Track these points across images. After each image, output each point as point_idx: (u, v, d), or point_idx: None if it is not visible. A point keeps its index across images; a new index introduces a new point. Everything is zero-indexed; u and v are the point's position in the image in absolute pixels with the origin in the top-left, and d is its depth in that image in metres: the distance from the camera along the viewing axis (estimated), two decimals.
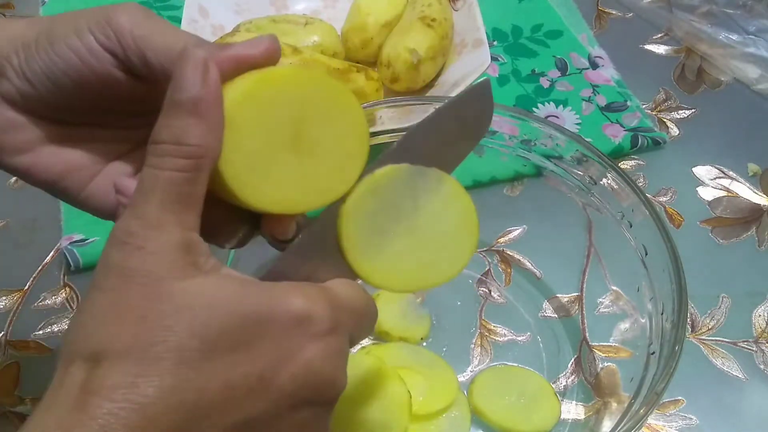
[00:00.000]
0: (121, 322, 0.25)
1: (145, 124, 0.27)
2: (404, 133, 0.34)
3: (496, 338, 0.51)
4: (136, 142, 0.34)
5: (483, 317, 0.53)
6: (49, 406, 0.24)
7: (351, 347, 0.30)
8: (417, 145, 0.34)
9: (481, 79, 0.34)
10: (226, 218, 0.31)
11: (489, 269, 0.55)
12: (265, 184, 0.29)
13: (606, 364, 0.49)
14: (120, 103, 0.32)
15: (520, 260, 0.56)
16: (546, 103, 0.67)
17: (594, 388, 0.48)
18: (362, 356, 0.48)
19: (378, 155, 0.32)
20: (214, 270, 0.27)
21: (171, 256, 0.26)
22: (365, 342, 0.50)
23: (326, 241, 0.32)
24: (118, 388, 0.24)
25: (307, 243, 0.31)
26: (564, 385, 0.48)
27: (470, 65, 0.62)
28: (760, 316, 0.53)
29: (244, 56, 0.29)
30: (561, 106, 0.67)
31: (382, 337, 0.51)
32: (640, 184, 0.61)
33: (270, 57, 0.29)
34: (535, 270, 0.55)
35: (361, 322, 0.30)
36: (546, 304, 0.53)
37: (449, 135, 0.35)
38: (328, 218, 0.31)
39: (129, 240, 0.26)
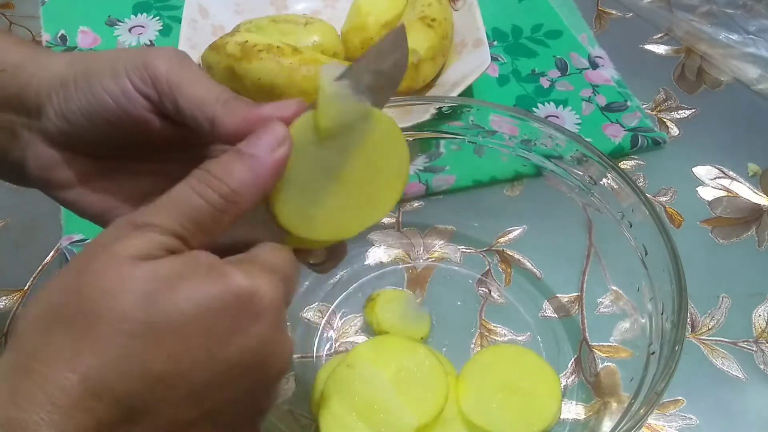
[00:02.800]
0: (73, 292, 0.25)
1: (182, 159, 0.29)
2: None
3: (496, 338, 0.51)
4: (174, 176, 0.34)
5: (483, 317, 0.53)
6: (2, 371, 0.25)
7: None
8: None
9: (397, 27, 0.34)
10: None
11: (489, 269, 0.55)
12: (313, 218, 0.31)
13: (606, 364, 0.49)
14: (155, 141, 0.33)
15: (520, 260, 0.56)
16: (546, 103, 0.67)
17: (594, 388, 0.48)
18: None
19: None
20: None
21: (150, 242, 0.26)
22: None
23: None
24: (61, 357, 0.24)
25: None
26: (564, 385, 0.48)
27: (470, 65, 0.62)
28: (760, 316, 0.53)
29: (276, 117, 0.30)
30: (561, 106, 0.67)
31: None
32: (640, 184, 0.61)
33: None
34: (535, 270, 0.55)
35: (290, 284, 0.30)
36: (546, 304, 0.53)
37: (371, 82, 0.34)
38: None
39: (124, 222, 0.27)
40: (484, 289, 0.54)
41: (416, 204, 0.59)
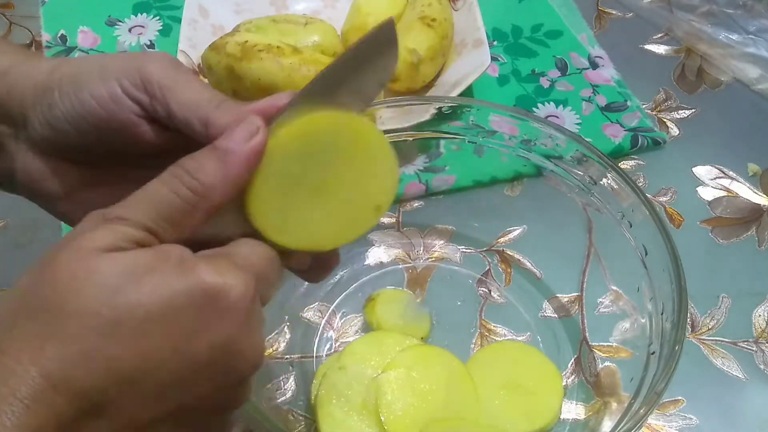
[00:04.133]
0: (38, 284, 0.25)
1: (168, 165, 0.29)
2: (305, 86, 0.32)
3: (496, 338, 0.51)
4: None
5: (483, 317, 0.53)
6: None
7: (262, 306, 0.30)
8: (320, 95, 0.32)
9: (385, 21, 0.33)
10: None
11: (489, 269, 0.55)
12: (288, 224, 0.30)
13: (606, 364, 0.49)
14: (143, 148, 0.33)
15: (520, 260, 0.56)
16: (546, 103, 0.67)
17: (594, 388, 0.48)
18: None
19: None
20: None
21: (119, 236, 0.26)
22: None
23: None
24: (25, 351, 0.24)
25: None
26: (564, 385, 0.48)
27: (470, 65, 0.62)
28: (760, 316, 0.53)
29: (271, 108, 0.30)
30: (561, 106, 0.67)
31: None
32: (640, 184, 0.61)
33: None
34: (535, 270, 0.55)
35: (268, 281, 0.30)
36: (546, 304, 0.53)
37: (353, 80, 0.33)
38: None
39: (96, 216, 0.27)
40: (484, 289, 0.54)
41: (416, 204, 0.59)
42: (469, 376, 0.46)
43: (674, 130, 0.66)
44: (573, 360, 0.50)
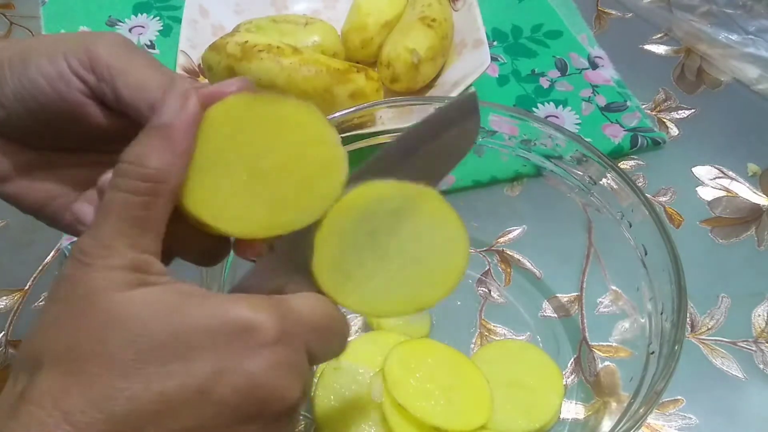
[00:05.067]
0: (59, 332, 0.25)
1: (121, 150, 0.28)
2: (382, 148, 0.32)
3: (496, 338, 0.52)
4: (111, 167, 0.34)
5: (483, 317, 0.53)
6: None
7: (313, 364, 0.29)
8: (395, 160, 0.32)
9: (468, 92, 0.33)
10: (195, 236, 0.30)
11: (489, 269, 0.55)
12: (228, 209, 0.29)
13: (605, 364, 0.49)
14: (93, 131, 0.31)
15: (519, 260, 0.56)
16: (546, 104, 0.67)
17: (594, 388, 0.48)
18: None
19: (357, 167, 0.31)
20: (162, 283, 0.26)
21: (116, 273, 0.25)
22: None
23: (296, 255, 0.30)
24: (49, 395, 0.24)
25: (277, 258, 0.30)
26: (564, 385, 0.48)
27: (470, 65, 0.62)
28: (759, 315, 0.53)
29: (218, 94, 0.28)
30: (561, 106, 0.67)
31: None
32: (640, 184, 0.61)
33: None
34: (535, 270, 0.55)
35: (323, 336, 0.29)
36: (546, 304, 0.53)
37: (430, 151, 0.33)
38: (298, 233, 0.30)
39: (81, 257, 0.26)
40: (483, 289, 0.54)
41: None
42: (473, 364, 0.47)
43: (674, 130, 0.66)
44: (572, 360, 0.50)
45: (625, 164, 0.63)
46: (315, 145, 0.29)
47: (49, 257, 0.57)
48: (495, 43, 0.73)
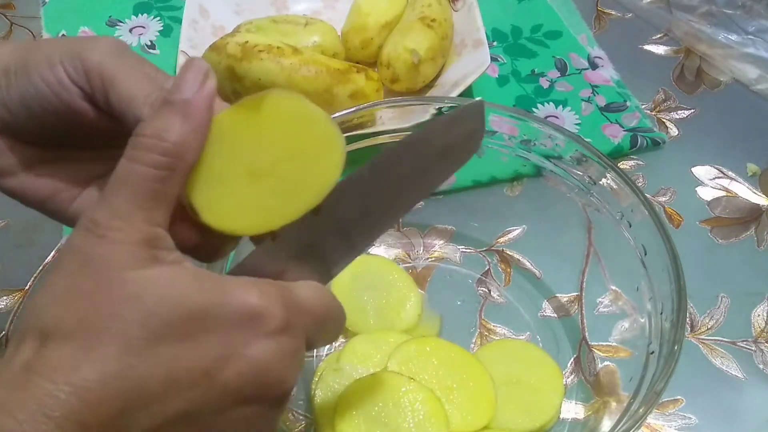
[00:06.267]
0: (72, 305, 0.25)
1: (121, 146, 0.28)
2: (386, 147, 0.33)
3: (496, 338, 0.52)
4: (114, 162, 0.34)
5: (483, 317, 0.53)
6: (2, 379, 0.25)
7: (310, 350, 0.30)
8: (398, 161, 0.33)
9: (475, 101, 0.33)
10: (199, 233, 0.31)
11: (489, 269, 0.55)
12: (231, 213, 0.29)
13: (605, 364, 0.49)
14: (95, 130, 0.32)
15: (519, 260, 0.56)
16: (545, 104, 0.67)
17: (593, 388, 0.48)
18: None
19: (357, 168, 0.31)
20: (174, 263, 0.27)
21: (131, 248, 0.26)
22: None
23: (298, 242, 0.31)
24: (60, 369, 0.24)
25: (279, 244, 0.31)
26: (564, 385, 0.48)
27: (470, 66, 0.62)
28: (759, 315, 0.53)
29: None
30: (560, 106, 0.67)
31: None
32: (640, 184, 0.61)
33: None
34: (535, 270, 0.55)
35: (322, 325, 0.30)
36: (545, 304, 0.53)
37: (433, 156, 0.34)
38: (300, 221, 0.30)
39: (93, 228, 0.26)
40: (483, 289, 0.54)
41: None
42: (480, 364, 0.47)
43: (673, 131, 0.66)
44: (572, 359, 0.50)
45: (624, 164, 0.63)
46: (307, 129, 0.29)
47: (49, 257, 0.57)
48: (495, 43, 0.73)
